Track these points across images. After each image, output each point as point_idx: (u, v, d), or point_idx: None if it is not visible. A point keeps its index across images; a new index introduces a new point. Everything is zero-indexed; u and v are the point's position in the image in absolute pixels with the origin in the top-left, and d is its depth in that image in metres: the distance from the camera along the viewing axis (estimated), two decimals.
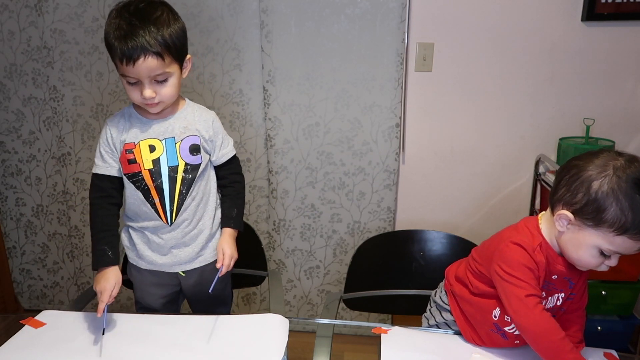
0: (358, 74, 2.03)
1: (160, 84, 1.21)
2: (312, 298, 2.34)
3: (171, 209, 1.29)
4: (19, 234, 2.45)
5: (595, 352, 1.16)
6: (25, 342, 1.16)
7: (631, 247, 1.01)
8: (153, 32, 1.15)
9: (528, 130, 2.07)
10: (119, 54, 1.16)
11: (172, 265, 1.35)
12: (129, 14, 1.17)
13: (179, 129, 1.29)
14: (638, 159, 0.99)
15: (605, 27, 1.93)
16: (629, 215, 0.96)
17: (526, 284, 1.05)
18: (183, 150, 1.29)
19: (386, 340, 1.20)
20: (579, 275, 1.11)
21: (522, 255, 1.07)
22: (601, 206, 0.98)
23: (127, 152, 1.27)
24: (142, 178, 1.27)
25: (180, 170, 1.28)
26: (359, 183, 2.16)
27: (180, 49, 1.23)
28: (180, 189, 1.29)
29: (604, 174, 0.98)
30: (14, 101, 2.25)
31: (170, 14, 1.22)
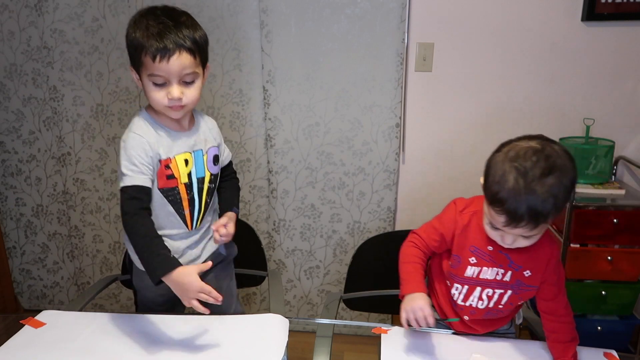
0: (358, 74, 2.03)
1: (187, 85, 1.19)
2: (312, 298, 2.34)
3: (198, 217, 1.32)
4: (19, 234, 2.45)
5: (595, 352, 1.16)
6: (25, 342, 1.16)
7: (499, 220, 1.04)
8: (186, 31, 1.16)
9: (528, 130, 2.05)
10: (152, 50, 1.13)
11: (186, 263, 1.34)
12: (157, 16, 1.17)
13: (203, 140, 1.31)
14: (540, 150, 1.01)
15: (605, 27, 1.93)
16: (495, 187, 1.01)
17: (425, 227, 1.23)
18: (209, 162, 1.31)
19: (386, 340, 1.20)
20: (526, 260, 1.13)
21: (448, 210, 1.21)
22: (487, 176, 1.06)
23: (166, 167, 1.24)
24: (178, 192, 1.27)
25: (207, 181, 1.31)
26: (359, 183, 2.16)
27: (205, 54, 1.23)
28: (206, 198, 1.32)
29: (503, 149, 1.05)
30: (14, 101, 2.25)
31: (194, 21, 1.23)
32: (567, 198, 1.01)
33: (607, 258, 1.81)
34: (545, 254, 1.13)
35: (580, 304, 1.89)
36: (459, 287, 1.19)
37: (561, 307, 1.16)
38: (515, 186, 0.98)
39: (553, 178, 0.98)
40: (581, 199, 1.82)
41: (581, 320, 1.92)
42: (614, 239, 1.82)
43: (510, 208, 0.99)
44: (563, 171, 0.99)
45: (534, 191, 0.97)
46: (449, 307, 1.25)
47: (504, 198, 0.99)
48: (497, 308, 1.19)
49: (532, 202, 0.97)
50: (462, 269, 1.17)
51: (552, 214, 0.99)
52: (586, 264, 1.84)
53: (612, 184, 1.92)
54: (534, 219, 0.99)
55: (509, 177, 0.99)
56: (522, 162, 0.99)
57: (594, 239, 1.84)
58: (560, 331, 1.15)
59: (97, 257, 2.40)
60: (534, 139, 1.04)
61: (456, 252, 1.18)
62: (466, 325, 1.23)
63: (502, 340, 1.23)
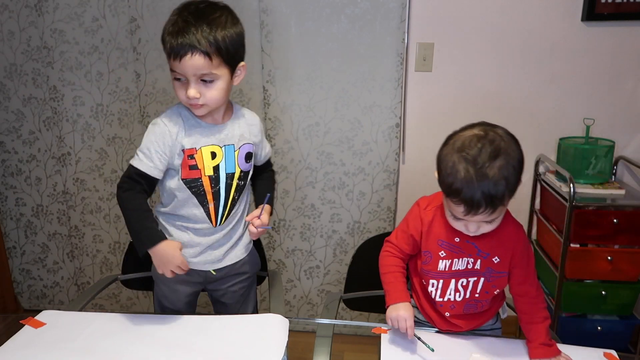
0: (358, 74, 2.03)
1: (206, 85, 1.19)
2: (312, 298, 2.34)
3: (223, 213, 1.32)
4: (19, 234, 2.45)
5: (595, 352, 1.16)
6: (25, 342, 1.16)
7: (458, 210, 1.06)
8: (205, 31, 1.15)
9: (528, 130, 2.07)
10: (168, 48, 1.17)
11: (204, 264, 1.36)
12: (188, 13, 1.18)
13: (237, 136, 1.31)
14: (484, 136, 1.04)
15: (605, 27, 1.93)
16: (448, 179, 1.05)
17: (395, 232, 1.27)
18: (240, 158, 1.31)
19: (386, 340, 1.20)
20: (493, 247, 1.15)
21: (412, 211, 1.25)
22: (439, 170, 1.09)
23: (189, 157, 1.25)
24: (201, 184, 1.27)
25: (236, 177, 1.31)
26: (359, 183, 2.16)
27: (232, 54, 1.21)
28: (234, 195, 1.31)
29: (450, 142, 1.09)
30: (14, 101, 2.25)
31: (230, 18, 1.22)
32: (517, 177, 1.04)
33: (607, 258, 1.81)
34: (511, 239, 1.17)
35: (580, 304, 1.89)
36: (435, 283, 1.21)
37: (533, 289, 1.19)
38: (466, 175, 1.01)
39: (500, 160, 1.01)
40: (581, 199, 1.82)
41: (581, 320, 1.92)
42: (614, 239, 1.82)
43: (467, 196, 1.02)
44: (509, 152, 1.03)
45: (486, 176, 1.00)
46: (429, 306, 1.26)
47: (458, 188, 1.02)
48: (474, 298, 1.20)
49: (485, 187, 1.00)
50: (434, 263, 1.19)
51: (507, 195, 1.03)
52: (586, 264, 1.84)
53: (612, 184, 1.92)
54: (490, 203, 1.02)
55: (459, 167, 1.03)
56: (468, 150, 1.03)
57: (594, 239, 1.84)
58: (532, 312, 1.18)
59: (97, 257, 2.40)
60: (476, 127, 1.08)
61: (426, 249, 1.21)
62: (450, 323, 1.24)
63: (502, 339, 1.23)
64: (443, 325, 1.25)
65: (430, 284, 1.21)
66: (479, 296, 1.20)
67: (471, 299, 1.20)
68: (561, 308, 1.89)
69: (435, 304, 1.23)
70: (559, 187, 1.87)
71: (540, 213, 2.10)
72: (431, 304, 1.25)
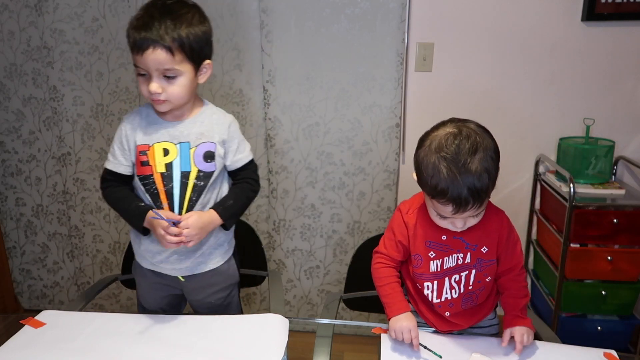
0: (358, 74, 2.03)
1: (169, 80, 1.19)
2: (312, 298, 2.34)
3: (179, 214, 1.26)
4: (19, 234, 2.45)
5: (595, 352, 1.16)
6: (25, 342, 1.16)
7: (446, 210, 1.07)
8: (169, 26, 1.16)
9: (528, 130, 2.07)
10: (131, 42, 1.17)
11: (172, 269, 1.33)
12: (155, 8, 1.19)
13: (195, 134, 1.27)
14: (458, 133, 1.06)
15: (605, 27, 1.93)
16: (432, 181, 1.05)
17: (383, 242, 1.27)
18: (197, 157, 1.26)
19: (386, 340, 1.20)
20: (480, 238, 1.17)
21: (395, 218, 1.25)
22: (420, 174, 1.10)
23: (141, 153, 1.26)
24: (153, 181, 1.25)
25: (193, 177, 1.26)
26: (359, 183, 2.16)
27: (197, 51, 1.21)
28: (190, 195, 1.26)
29: (425, 143, 1.09)
30: (14, 101, 2.25)
31: (197, 16, 1.22)
32: (497, 167, 1.07)
33: (607, 258, 1.81)
34: (495, 226, 1.18)
35: (580, 304, 1.90)
36: (429, 285, 1.21)
37: (517, 269, 1.21)
38: (449, 174, 1.02)
39: (479, 154, 1.03)
40: (581, 199, 1.82)
41: (581, 320, 1.93)
42: (614, 239, 1.82)
43: (454, 195, 1.02)
44: (485, 145, 1.05)
45: (469, 171, 1.02)
46: (427, 309, 1.25)
47: (444, 188, 1.03)
48: (469, 291, 1.21)
49: (470, 182, 1.01)
50: (425, 266, 1.19)
51: (490, 187, 1.05)
52: (586, 264, 1.84)
53: (612, 184, 1.93)
54: (477, 197, 1.03)
55: (441, 168, 1.03)
56: (447, 149, 1.04)
57: (594, 239, 1.84)
58: (512, 288, 1.21)
59: (97, 257, 2.40)
60: (447, 124, 1.09)
61: (415, 252, 1.20)
62: (450, 322, 1.24)
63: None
64: (443, 326, 1.24)
65: (425, 287, 1.21)
66: (472, 288, 1.21)
67: (466, 292, 1.21)
68: (561, 308, 1.89)
69: (433, 306, 1.23)
70: (559, 187, 1.87)
71: (540, 213, 2.10)
72: (428, 307, 1.25)
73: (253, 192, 1.37)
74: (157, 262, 1.33)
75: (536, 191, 2.12)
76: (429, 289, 1.21)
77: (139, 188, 1.29)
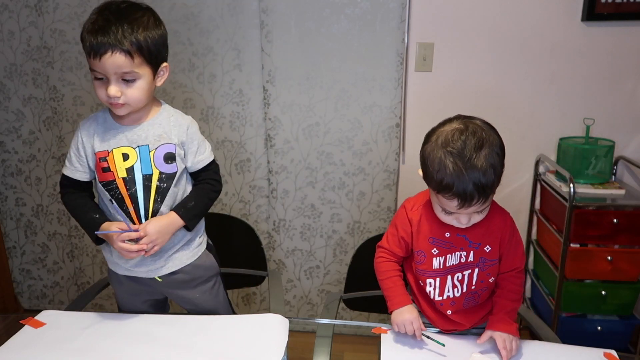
0: (358, 74, 2.03)
1: (127, 84, 1.19)
2: (312, 298, 2.34)
3: (145, 217, 1.26)
4: (19, 234, 2.45)
5: (595, 352, 1.16)
6: (25, 342, 1.16)
7: (451, 205, 1.08)
8: (127, 30, 1.15)
9: (528, 130, 2.07)
10: (87, 47, 1.16)
11: (147, 271, 1.32)
12: (109, 12, 1.17)
13: (153, 136, 1.26)
14: (465, 129, 1.07)
15: (605, 27, 1.93)
16: (438, 176, 1.06)
17: (386, 237, 1.28)
18: (157, 159, 1.26)
19: (386, 340, 1.20)
20: (483, 236, 1.17)
21: (399, 214, 1.26)
22: (426, 169, 1.10)
23: (101, 160, 1.25)
24: (117, 186, 1.25)
25: (155, 179, 1.25)
26: (359, 183, 2.16)
27: (155, 54, 1.21)
28: (154, 197, 1.26)
29: (431, 139, 1.10)
30: (14, 101, 2.25)
31: (152, 19, 1.21)
32: (502, 164, 1.08)
33: (607, 258, 1.81)
34: (498, 226, 1.19)
35: (580, 304, 1.90)
36: (432, 282, 1.21)
37: (515, 271, 1.22)
38: (455, 169, 1.03)
39: (485, 150, 1.04)
40: (581, 199, 1.82)
41: (581, 320, 1.93)
42: (614, 239, 1.82)
43: (459, 190, 1.03)
44: (491, 141, 1.06)
45: (474, 167, 1.03)
46: (428, 307, 1.26)
47: (450, 183, 1.04)
48: (471, 291, 1.21)
49: (476, 178, 1.03)
50: (428, 262, 1.20)
51: (496, 182, 1.07)
52: (586, 264, 1.84)
53: (612, 184, 1.93)
54: (482, 193, 1.04)
55: (447, 163, 1.04)
56: (453, 145, 1.05)
57: (594, 239, 1.84)
58: (505, 287, 1.21)
59: (97, 257, 2.40)
60: (454, 121, 1.11)
61: (418, 248, 1.21)
62: (452, 321, 1.24)
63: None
64: (445, 325, 1.24)
65: (427, 284, 1.22)
66: (475, 287, 1.21)
67: (469, 292, 1.21)
68: (561, 308, 1.89)
69: (435, 304, 1.23)
70: (559, 187, 1.87)
71: (540, 213, 2.10)
72: (430, 304, 1.25)
73: (215, 192, 1.37)
74: (131, 267, 1.31)
75: (536, 191, 2.12)
76: (431, 286, 1.21)
77: (103, 194, 1.28)
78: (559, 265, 1.84)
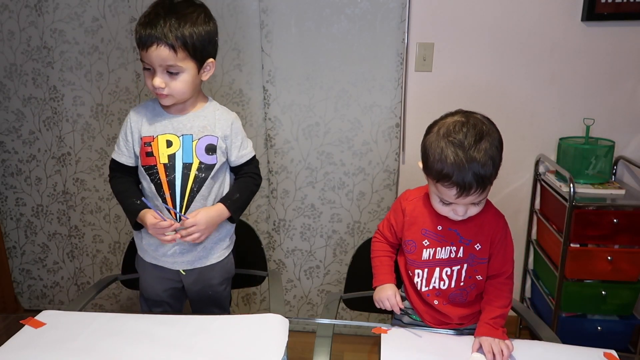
0: (358, 74, 2.03)
1: (172, 76, 1.24)
2: (312, 298, 2.34)
3: (181, 205, 1.31)
4: (19, 234, 2.45)
5: (595, 352, 1.16)
6: (25, 342, 1.16)
7: (449, 194, 1.11)
8: (174, 25, 1.20)
9: (528, 130, 2.07)
10: (137, 38, 1.22)
11: (173, 263, 1.37)
12: (162, 7, 1.23)
13: (198, 127, 1.31)
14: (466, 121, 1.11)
15: (605, 27, 1.93)
16: (438, 165, 1.09)
17: (383, 221, 1.35)
18: (199, 149, 1.31)
19: (386, 340, 1.20)
20: (475, 234, 1.19)
21: (395, 202, 1.33)
22: (426, 159, 1.13)
23: (146, 144, 1.31)
24: (157, 171, 1.29)
25: (194, 168, 1.30)
26: (359, 183, 2.16)
27: (200, 50, 1.25)
28: (191, 186, 1.30)
29: (433, 130, 1.14)
30: (14, 101, 2.25)
31: (203, 16, 1.26)
32: (500, 157, 1.11)
33: (607, 258, 1.81)
34: (491, 226, 1.21)
35: (580, 304, 1.90)
36: (420, 273, 1.25)
37: (502, 277, 1.23)
38: (456, 158, 1.07)
39: (485, 142, 1.08)
40: (581, 199, 1.82)
41: (581, 320, 1.93)
42: (614, 239, 1.82)
43: (458, 179, 1.07)
44: (490, 134, 1.10)
45: (474, 158, 1.06)
46: (417, 299, 1.29)
47: (449, 172, 1.07)
48: (460, 287, 1.23)
49: (475, 168, 1.06)
50: (418, 253, 1.24)
51: (494, 174, 1.10)
52: (586, 264, 1.84)
53: (612, 184, 1.93)
54: (481, 183, 1.08)
55: (448, 152, 1.08)
56: (454, 136, 1.09)
57: (594, 239, 1.84)
58: (492, 293, 1.22)
59: (97, 257, 2.40)
60: (456, 114, 1.16)
61: (409, 238, 1.25)
62: (440, 312, 1.25)
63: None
64: (433, 316, 1.27)
65: (415, 274, 1.25)
66: (463, 284, 1.23)
67: (457, 287, 1.23)
68: (561, 308, 1.89)
69: (422, 295, 1.26)
70: (559, 187, 1.87)
71: (540, 213, 2.10)
72: (418, 296, 1.28)
73: (256, 186, 1.43)
74: (159, 256, 1.37)
75: (536, 191, 2.12)
76: (419, 276, 1.25)
77: (144, 178, 1.33)
78: (559, 265, 1.84)
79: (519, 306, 1.46)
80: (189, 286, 1.43)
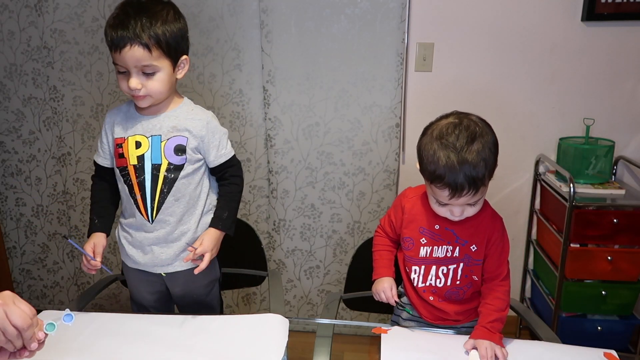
0: (358, 74, 2.03)
1: (148, 77, 1.23)
2: (312, 298, 2.34)
3: (152, 206, 1.30)
4: (19, 234, 2.45)
5: (595, 352, 1.16)
6: None
7: (443, 195, 1.13)
8: (145, 24, 1.19)
9: (528, 130, 2.07)
10: (108, 41, 1.21)
11: (153, 266, 1.36)
12: (130, 6, 1.22)
13: (167, 127, 1.30)
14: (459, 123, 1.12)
15: (605, 27, 1.93)
16: (431, 167, 1.11)
17: (384, 218, 1.37)
18: (168, 150, 1.29)
19: (386, 340, 1.20)
20: (471, 235, 1.21)
21: (396, 199, 1.35)
22: (421, 160, 1.16)
23: (118, 146, 1.31)
24: (128, 173, 1.30)
25: (163, 169, 1.29)
26: (359, 183, 2.16)
27: (174, 47, 1.24)
28: (161, 187, 1.29)
29: (427, 132, 1.16)
30: (14, 101, 2.25)
31: (172, 13, 1.25)
32: (494, 159, 1.12)
33: (607, 258, 1.81)
34: (487, 227, 1.22)
35: (580, 304, 1.90)
36: (417, 269, 1.27)
37: (498, 280, 1.23)
38: (448, 160, 1.08)
39: (477, 144, 1.09)
40: (581, 199, 1.82)
41: (581, 320, 1.93)
42: (614, 239, 1.82)
43: (450, 181, 1.08)
44: (483, 136, 1.11)
45: (466, 160, 1.07)
46: (415, 295, 1.30)
47: (442, 174, 1.09)
48: (456, 286, 1.25)
49: (467, 170, 1.07)
50: (415, 250, 1.25)
51: (487, 176, 1.10)
52: (586, 264, 1.84)
53: (612, 184, 1.93)
54: (473, 184, 1.08)
55: (440, 154, 1.09)
56: (447, 138, 1.10)
57: (594, 239, 1.84)
58: (489, 296, 1.22)
59: None
60: (450, 116, 1.17)
61: (407, 235, 1.27)
62: (436, 308, 1.27)
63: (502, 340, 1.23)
64: (429, 312, 1.28)
65: (412, 270, 1.27)
66: (459, 283, 1.24)
67: (453, 286, 1.25)
68: (561, 308, 1.89)
69: (418, 291, 1.28)
70: (559, 187, 1.87)
71: (540, 213, 2.10)
72: (415, 292, 1.30)
73: (240, 192, 1.43)
74: (137, 259, 1.38)
75: (536, 191, 2.12)
76: (415, 273, 1.27)
77: (119, 179, 1.34)
78: (559, 265, 1.84)
79: (519, 306, 1.46)
80: (174, 290, 1.42)
